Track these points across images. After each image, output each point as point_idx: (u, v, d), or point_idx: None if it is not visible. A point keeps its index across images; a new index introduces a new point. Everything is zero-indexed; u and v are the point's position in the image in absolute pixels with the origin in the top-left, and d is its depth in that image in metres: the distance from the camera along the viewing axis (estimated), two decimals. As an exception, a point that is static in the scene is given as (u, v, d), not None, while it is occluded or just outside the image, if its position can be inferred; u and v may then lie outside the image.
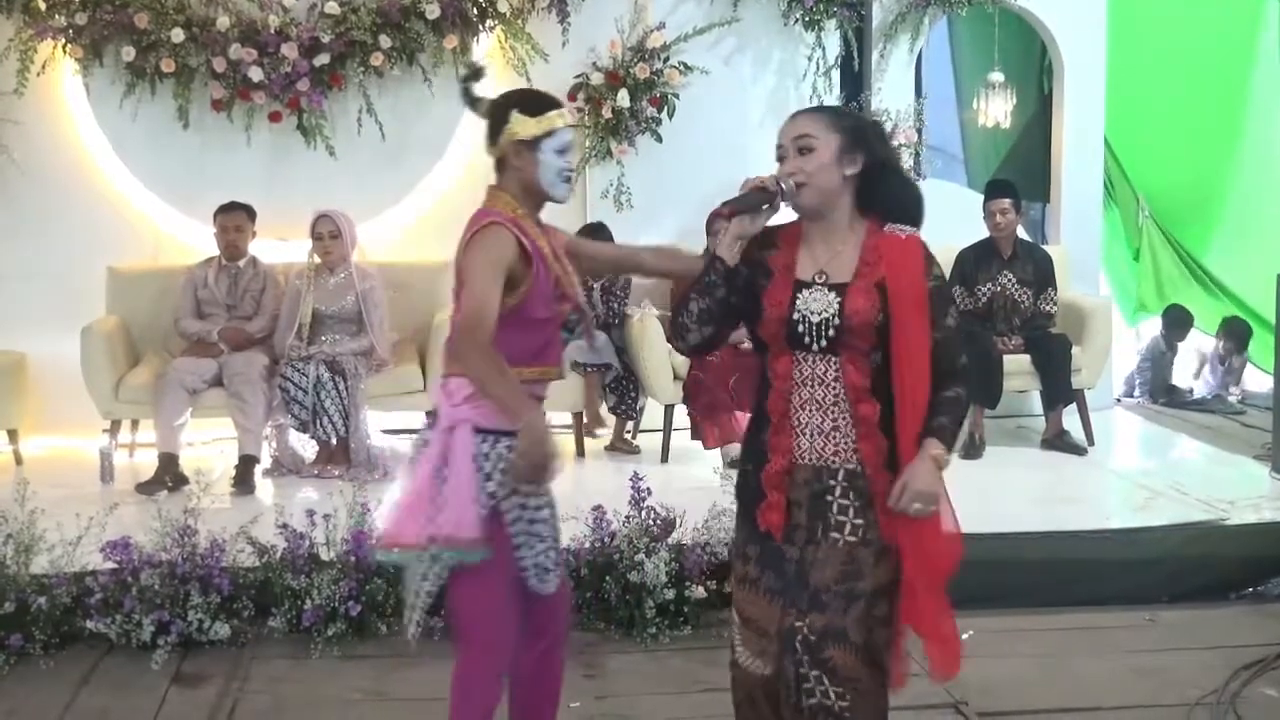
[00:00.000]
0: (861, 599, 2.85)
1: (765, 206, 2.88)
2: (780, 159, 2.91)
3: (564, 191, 3.19)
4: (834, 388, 2.85)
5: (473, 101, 3.31)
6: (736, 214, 2.85)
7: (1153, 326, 9.28)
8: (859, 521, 2.85)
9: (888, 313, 2.81)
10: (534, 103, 3.19)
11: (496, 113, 3.19)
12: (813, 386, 2.86)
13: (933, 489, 2.80)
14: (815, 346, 2.84)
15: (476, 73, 3.35)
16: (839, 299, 2.83)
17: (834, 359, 2.84)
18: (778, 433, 2.88)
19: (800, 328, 2.84)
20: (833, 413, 2.85)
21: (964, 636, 4.59)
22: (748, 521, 2.96)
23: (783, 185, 2.86)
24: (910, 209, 2.93)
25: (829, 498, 2.86)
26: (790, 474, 2.88)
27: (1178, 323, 9.01)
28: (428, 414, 3.26)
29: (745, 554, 2.97)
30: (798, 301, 2.85)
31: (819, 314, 2.83)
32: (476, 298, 3.00)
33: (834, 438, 2.85)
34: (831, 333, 2.82)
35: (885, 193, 2.91)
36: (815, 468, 2.86)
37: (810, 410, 2.86)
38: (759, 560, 2.93)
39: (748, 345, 5.73)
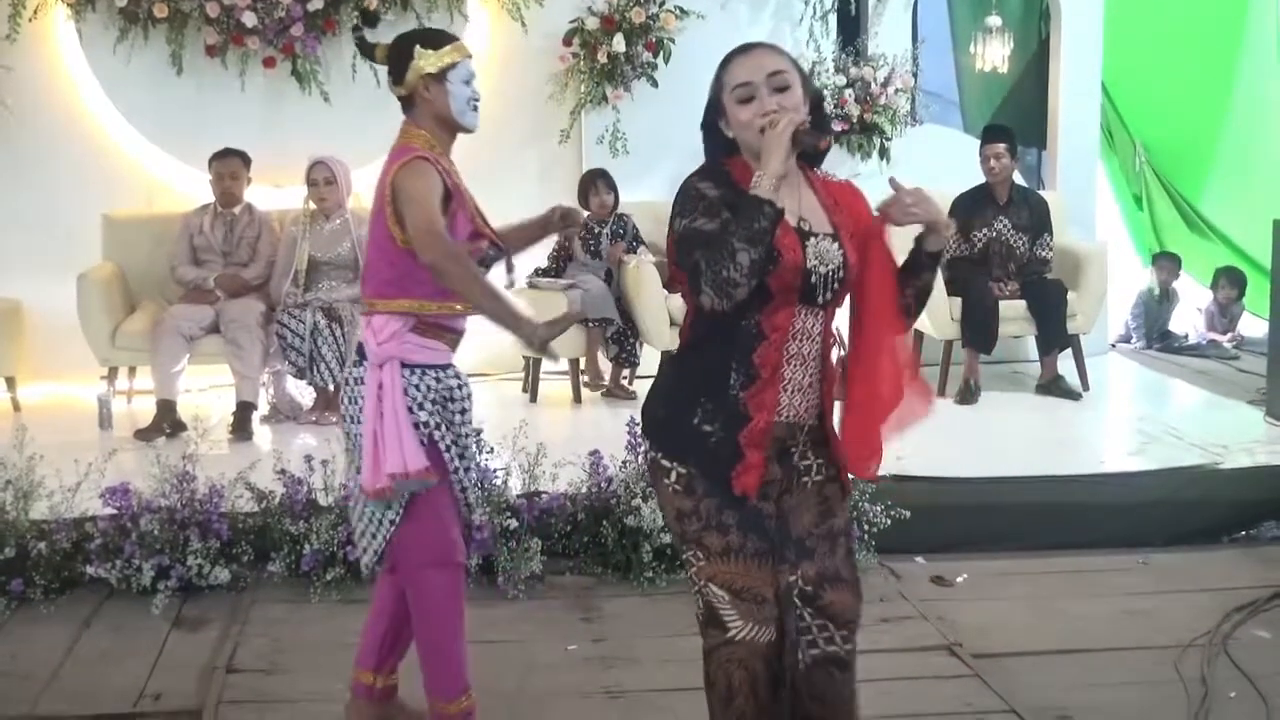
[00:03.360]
0: (841, 535, 2.83)
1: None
2: (748, 99, 2.70)
3: (473, 120, 3.33)
4: (816, 342, 2.73)
5: (368, 48, 3.44)
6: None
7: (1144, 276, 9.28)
8: (820, 460, 2.81)
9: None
10: (434, 38, 3.36)
11: (398, 52, 3.33)
12: (801, 340, 2.71)
13: (930, 203, 2.70)
14: (821, 300, 2.70)
15: (370, 19, 3.50)
16: (841, 250, 2.71)
17: (821, 312, 2.73)
18: (765, 389, 2.68)
19: (813, 279, 2.67)
20: (811, 367, 2.74)
21: (958, 580, 4.63)
22: (719, 489, 2.71)
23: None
24: (822, 152, 2.81)
25: (793, 449, 2.77)
26: (768, 431, 2.70)
27: (1166, 267, 9.04)
28: (357, 351, 3.36)
29: (723, 524, 2.71)
30: (809, 252, 2.67)
31: (827, 265, 2.68)
32: (429, 217, 3.12)
33: (809, 394, 2.75)
34: (836, 285, 2.71)
35: (821, 133, 2.76)
36: (790, 424, 2.74)
37: (795, 365, 2.71)
38: (740, 526, 2.71)
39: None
